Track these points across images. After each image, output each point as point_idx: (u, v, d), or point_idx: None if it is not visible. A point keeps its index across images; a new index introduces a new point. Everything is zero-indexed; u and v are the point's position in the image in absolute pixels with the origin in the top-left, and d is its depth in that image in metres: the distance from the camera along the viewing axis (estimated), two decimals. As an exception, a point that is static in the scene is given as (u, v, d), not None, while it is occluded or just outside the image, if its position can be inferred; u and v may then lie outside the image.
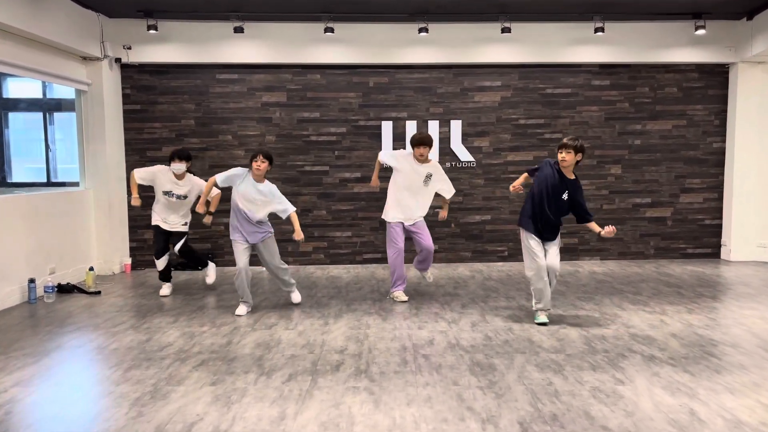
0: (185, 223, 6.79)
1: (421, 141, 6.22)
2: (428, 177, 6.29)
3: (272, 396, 3.80)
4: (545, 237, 5.37)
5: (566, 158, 5.22)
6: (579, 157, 5.24)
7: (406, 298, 6.35)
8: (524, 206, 5.44)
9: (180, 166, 6.49)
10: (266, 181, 5.89)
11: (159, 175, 6.54)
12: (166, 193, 6.54)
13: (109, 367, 4.39)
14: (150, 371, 4.27)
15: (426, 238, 6.30)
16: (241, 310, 5.89)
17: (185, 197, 6.64)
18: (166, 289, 6.80)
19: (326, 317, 5.75)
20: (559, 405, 3.63)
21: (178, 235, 6.76)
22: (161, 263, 6.75)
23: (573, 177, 5.33)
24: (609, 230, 5.15)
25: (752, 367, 4.28)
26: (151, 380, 4.09)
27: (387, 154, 6.46)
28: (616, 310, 5.92)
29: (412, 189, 6.29)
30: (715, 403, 3.64)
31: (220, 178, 5.81)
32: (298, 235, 5.85)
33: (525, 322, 5.53)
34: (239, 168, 5.88)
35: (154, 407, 3.62)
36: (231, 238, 5.86)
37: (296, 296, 6.28)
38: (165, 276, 6.82)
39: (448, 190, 6.46)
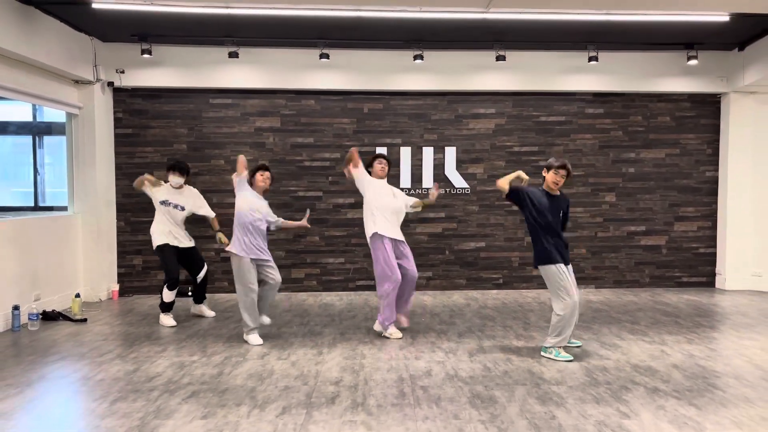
0: (190, 238, 6.73)
1: (381, 154, 6.18)
2: (393, 193, 5.97)
3: (266, 430, 3.64)
4: (567, 260, 5.24)
5: (558, 180, 5.22)
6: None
7: (400, 335, 5.91)
8: (537, 243, 5.20)
9: (178, 180, 6.51)
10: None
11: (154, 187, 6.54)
12: (163, 202, 6.47)
13: (95, 399, 4.21)
14: (137, 404, 4.09)
15: (412, 263, 5.90)
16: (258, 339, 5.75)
17: (183, 208, 6.59)
18: (170, 319, 6.51)
19: (320, 346, 5.60)
20: (564, 440, 3.50)
21: (194, 258, 6.66)
22: (172, 295, 6.47)
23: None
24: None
25: (758, 400, 4.18)
26: (138, 414, 3.91)
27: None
28: (615, 340, 5.81)
29: (387, 205, 5.85)
30: (724, 439, 3.53)
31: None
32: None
33: (524, 352, 5.41)
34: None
35: (141, 443, 3.45)
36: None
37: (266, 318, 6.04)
38: (170, 306, 6.55)
39: (409, 199, 6.15)
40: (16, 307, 6.26)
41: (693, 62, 8.23)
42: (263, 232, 5.75)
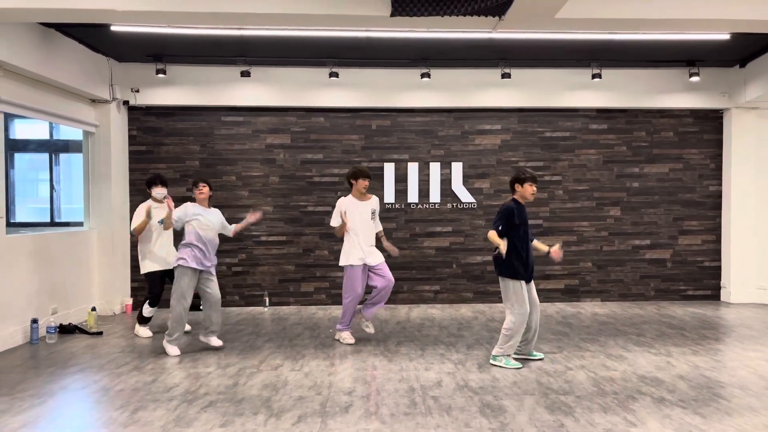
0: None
1: (366, 174, 6.32)
2: (373, 212, 6.36)
3: (283, 438, 3.77)
4: (530, 277, 5.49)
5: (535, 192, 5.49)
6: None
7: (353, 341, 6.35)
8: (508, 256, 5.35)
9: (163, 191, 6.75)
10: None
11: (151, 212, 6.63)
12: (161, 221, 6.55)
13: (116, 408, 4.34)
14: (158, 413, 4.22)
15: (388, 272, 6.30)
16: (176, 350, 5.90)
17: None
18: (147, 330, 6.75)
19: (332, 358, 5.73)
20: (572, 447, 3.61)
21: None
22: (153, 311, 6.71)
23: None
24: (556, 252, 5.46)
25: (762, 409, 4.27)
26: (159, 422, 4.04)
27: (336, 214, 6.36)
28: (621, 352, 5.92)
29: (364, 227, 6.28)
30: (729, 446, 3.63)
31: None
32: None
33: (531, 363, 5.52)
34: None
35: (164, 449, 3.58)
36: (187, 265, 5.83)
37: (218, 340, 6.12)
38: (148, 320, 6.80)
39: (379, 224, 6.55)
40: (34, 321, 6.41)
41: (695, 79, 8.39)
42: (213, 244, 6.01)
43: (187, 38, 7.13)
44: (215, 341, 6.06)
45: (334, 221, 6.36)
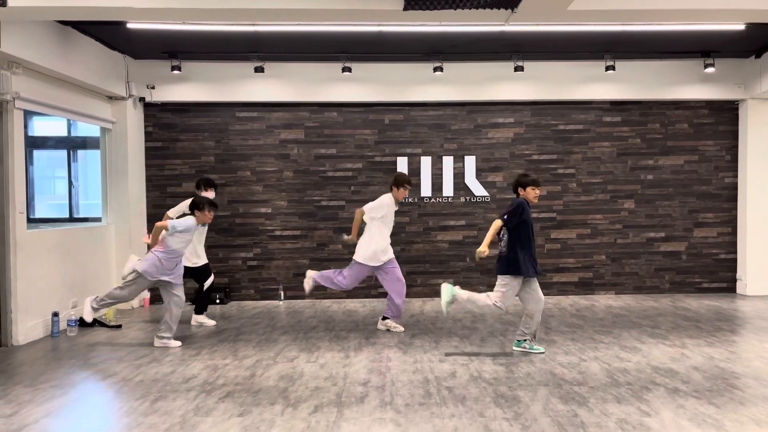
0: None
1: (410, 183, 6.69)
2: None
3: (300, 427, 3.83)
4: (537, 272, 5.57)
5: (539, 193, 5.54)
6: None
7: (308, 290, 6.79)
8: (518, 252, 5.47)
9: (211, 194, 6.99)
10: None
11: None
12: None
13: (136, 398, 4.44)
14: (177, 402, 4.31)
15: (400, 273, 6.59)
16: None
17: None
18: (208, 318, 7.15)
19: (346, 350, 5.79)
20: (586, 436, 3.64)
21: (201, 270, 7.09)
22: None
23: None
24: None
25: (777, 400, 4.27)
26: (179, 411, 4.13)
27: (374, 207, 6.54)
28: (635, 344, 5.92)
29: (390, 227, 6.67)
30: (743, 435, 3.64)
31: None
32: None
33: (545, 355, 5.54)
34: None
35: (184, 437, 3.66)
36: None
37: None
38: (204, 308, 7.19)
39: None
40: (55, 314, 6.55)
41: (710, 70, 8.32)
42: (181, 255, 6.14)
43: (201, 35, 7.19)
44: (174, 342, 6.08)
45: (373, 211, 6.51)
